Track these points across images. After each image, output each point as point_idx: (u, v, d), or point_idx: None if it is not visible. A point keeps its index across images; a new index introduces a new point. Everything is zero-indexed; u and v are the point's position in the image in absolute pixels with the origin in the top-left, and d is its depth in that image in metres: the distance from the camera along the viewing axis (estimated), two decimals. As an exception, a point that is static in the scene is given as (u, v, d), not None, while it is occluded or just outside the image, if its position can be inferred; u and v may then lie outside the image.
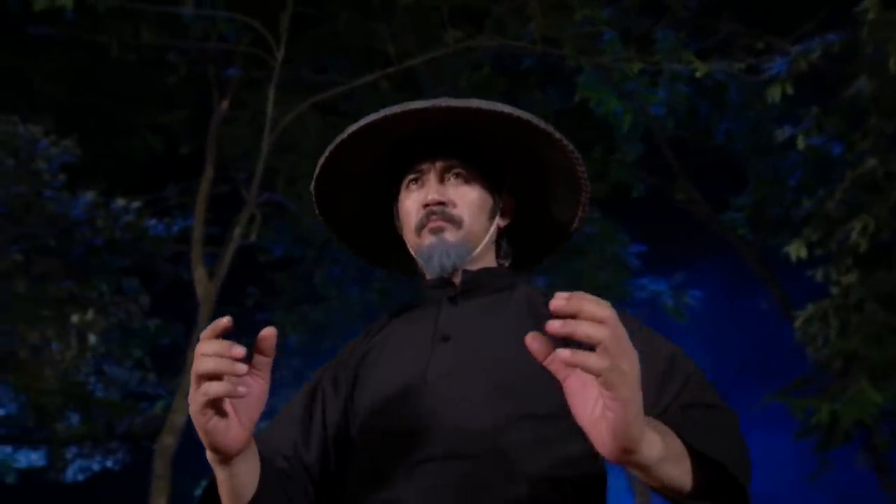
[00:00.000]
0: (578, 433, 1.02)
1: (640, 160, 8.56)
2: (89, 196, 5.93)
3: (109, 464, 6.58)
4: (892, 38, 5.12)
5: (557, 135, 1.19)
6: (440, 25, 6.93)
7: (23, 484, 6.74)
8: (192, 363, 0.88)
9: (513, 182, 1.31)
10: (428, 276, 1.24)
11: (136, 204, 6.26)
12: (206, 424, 0.86)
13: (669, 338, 1.13)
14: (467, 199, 1.22)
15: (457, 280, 1.21)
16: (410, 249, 1.27)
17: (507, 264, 1.30)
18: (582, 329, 0.74)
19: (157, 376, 7.04)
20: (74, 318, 5.32)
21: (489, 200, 1.25)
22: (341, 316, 10.30)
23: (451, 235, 1.19)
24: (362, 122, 1.18)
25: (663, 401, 1.02)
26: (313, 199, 1.30)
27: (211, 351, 0.85)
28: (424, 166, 1.23)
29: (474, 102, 1.15)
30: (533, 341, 0.80)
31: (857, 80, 5.57)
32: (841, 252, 5.99)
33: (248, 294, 9.04)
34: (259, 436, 1.21)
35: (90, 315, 5.43)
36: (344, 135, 1.20)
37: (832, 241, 6.15)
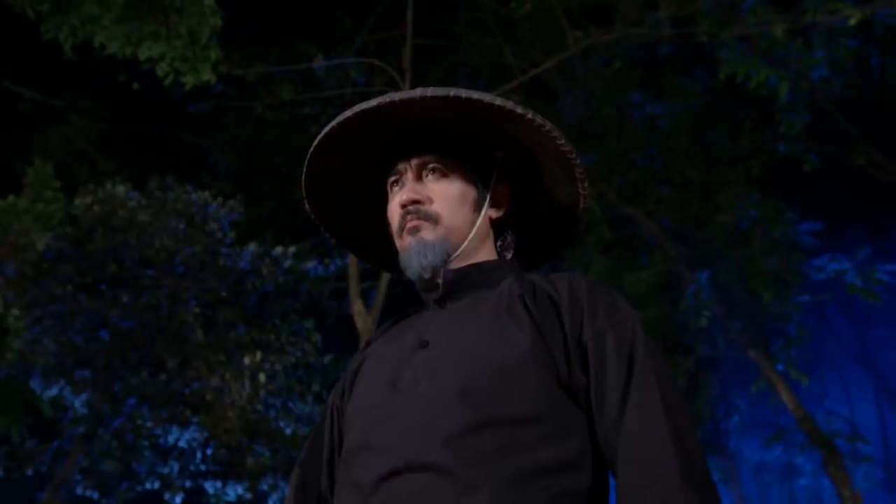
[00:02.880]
0: (558, 438, 0.95)
1: (808, 130, 7.78)
2: (252, 247, 6.47)
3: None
4: None
5: (519, 110, 1.10)
6: (560, 29, 6.81)
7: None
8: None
9: (505, 170, 1.22)
10: (413, 280, 1.18)
11: (292, 249, 6.73)
12: None
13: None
14: (445, 193, 1.16)
15: (440, 281, 1.15)
16: None
17: (508, 256, 1.21)
18: None
19: (336, 408, 7.45)
20: (247, 361, 5.82)
21: (471, 192, 1.18)
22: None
23: (428, 234, 1.13)
24: (323, 132, 1.16)
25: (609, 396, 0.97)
26: (311, 215, 1.29)
27: None
28: (401, 166, 1.19)
29: (417, 92, 1.09)
30: None
31: None
32: None
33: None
34: (300, 461, 1.23)
35: (258, 356, 5.90)
36: (311, 150, 1.18)
37: None
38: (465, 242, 1.15)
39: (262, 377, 5.83)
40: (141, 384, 6.34)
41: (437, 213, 1.14)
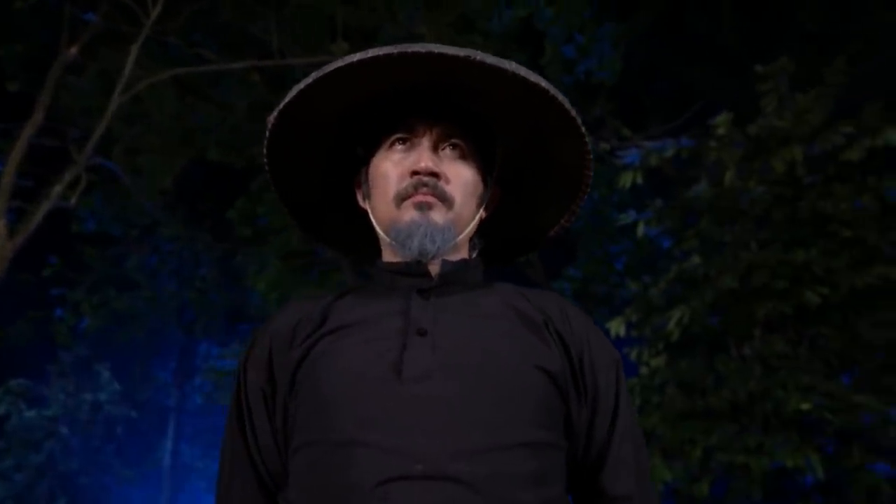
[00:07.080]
0: (563, 469, 0.94)
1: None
2: None
3: None
4: (733, 154, 5.73)
5: (577, 119, 1.03)
6: (329, 33, 6.76)
7: None
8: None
9: (501, 171, 1.12)
10: (395, 259, 1.05)
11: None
12: None
13: None
14: (463, 178, 1.04)
15: (433, 269, 1.02)
16: (376, 223, 1.06)
17: (474, 256, 1.12)
18: None
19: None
20: None
21: (480, 186, 1.08)
22: (149, 309, 9.50)
23: (438, 216, 1.01)
24: (357, 56, 0.95)
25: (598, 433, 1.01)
26: (266, 141, 1.07)
27: None
28: (420, 127, 1.04)
29: (512, 65, 0.96)
30: None
31: (698, 184, 6.14)
32: (655, 336, 6.48)
33: (48, 263, 8.04)
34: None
35: None
36: (329, 69, 0.96)
37: (649, 325, 6.63)
38: (462, 235, 1.04)
39: None
40: None
41: (453, 196, 1.02)
